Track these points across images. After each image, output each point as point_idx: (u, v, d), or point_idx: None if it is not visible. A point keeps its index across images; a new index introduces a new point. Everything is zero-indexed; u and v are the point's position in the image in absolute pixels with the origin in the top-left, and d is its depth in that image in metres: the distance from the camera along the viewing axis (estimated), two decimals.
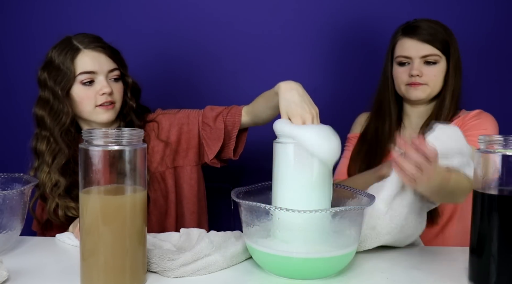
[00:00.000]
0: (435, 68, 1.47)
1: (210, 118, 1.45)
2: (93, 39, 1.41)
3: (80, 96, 1.38)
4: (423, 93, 1.48)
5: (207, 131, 1.46)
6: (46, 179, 1.37)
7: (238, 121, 1.43)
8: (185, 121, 1.48)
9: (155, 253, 1.04)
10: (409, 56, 1.47)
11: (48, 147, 1.38)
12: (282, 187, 1.06)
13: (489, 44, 1.88)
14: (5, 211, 1.14)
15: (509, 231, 0.92)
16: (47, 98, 1.38)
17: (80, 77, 1.37)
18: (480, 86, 1.87)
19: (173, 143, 1.48)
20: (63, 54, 1.37)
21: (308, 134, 1.03)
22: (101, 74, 1.38)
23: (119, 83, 1.43)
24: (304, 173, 1.04)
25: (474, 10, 1.86)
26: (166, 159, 1.48)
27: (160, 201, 1.48)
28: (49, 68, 1.38)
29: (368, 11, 1.89)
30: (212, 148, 1.45)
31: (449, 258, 1.15)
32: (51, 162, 1.37)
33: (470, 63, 1.69)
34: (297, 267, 1.00)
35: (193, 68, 1.93)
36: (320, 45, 1.91)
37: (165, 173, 1.48)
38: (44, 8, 1.95)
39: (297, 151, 1.03)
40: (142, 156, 0.98)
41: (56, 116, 1.37)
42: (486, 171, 0.96)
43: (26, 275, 1.03)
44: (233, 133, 1.44)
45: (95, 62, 1.38)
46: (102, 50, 1.40)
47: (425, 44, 1.46)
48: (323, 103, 1.89)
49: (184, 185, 1.50)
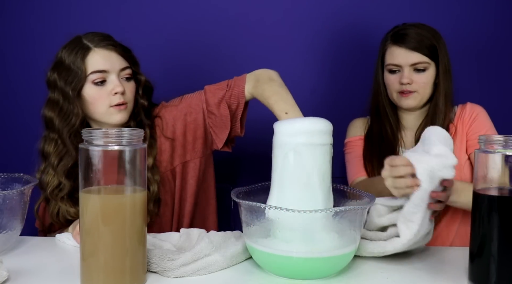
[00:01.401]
0: (424, 75, 1.49)
1: (213, 105, 1.40)
2: (104, 37, 1.37)
3: (92, 96, 1.34)
4: (414, 101, 1.51)
5: (213, 119, 1.41)
6: (51, 182, 1.35)
7: (242, 103, 1.38)
8: (188, 111, 1.43)
9: (155, 253, 1.04)
10: (399, 64, 1.50)
11: (55, 148, 1.35)
12: (280, 186, 1.06)
13: (487, 43, 1.88)
14: (5, 211, 1.14)
15: (509, 231, 0.92)
16: (57, 100, 1.34)
17: (92, 77, 1.33)
18: (480, 85, 1.87)
19: (180, 137, 1.43)
20: (74, 54, 1.33)
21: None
22: (113, 73, 1.34)
23: (131, 82, 1.39)
24: (303, 173, 1.04)
25: (469, 10, 1.87)
26: (174, 155, 1.44)
27: (170, 201, 1.45)
28: (59, 68, 1.34)
29: (365, 14, 1.89)
30: (220, 136, 1.42)
31: (449, 258, 1.15)
32: (57, 164, 1.34)
33: (468, 63, 1.69)
34: (297, 267, 1.00)
35: (191, 68, 1.93)
36: (318, 47, 1.91)
37: (175, 169, 1.44)
38: (45, 8, 1.94)
39: (297, 153, 1.03)
40: (142, 156, 0.98)
41: (66, 118, 1.34)
42: (486, 171, 0.96)
43: (26, 275, 1.03)
44: (238, 115, 1.40)
45: (107, 60, 1.34)
46: (113, 49, 1.36)
47: (414, 52, 1.48)
48: (321, 104, 1.91)
49: (191, 180, 1.47)
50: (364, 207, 1.03)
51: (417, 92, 1.50)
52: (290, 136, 1.04)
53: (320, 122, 1.05)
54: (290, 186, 1.05)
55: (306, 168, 1.03)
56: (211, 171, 1.54)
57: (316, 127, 1.04)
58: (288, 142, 1.04)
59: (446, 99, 1.51)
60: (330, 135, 1.06)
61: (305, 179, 1.04)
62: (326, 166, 1.05)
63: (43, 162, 1.38)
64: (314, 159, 1.03)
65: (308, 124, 1.05)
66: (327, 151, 1.06)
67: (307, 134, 1.03)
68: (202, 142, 1.45)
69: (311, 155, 1.03)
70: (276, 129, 1.08)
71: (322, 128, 1.05)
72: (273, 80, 1.33)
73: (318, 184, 1.04)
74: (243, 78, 1.40)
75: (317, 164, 1.04)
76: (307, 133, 1.03)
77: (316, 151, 1.04)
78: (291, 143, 1.04)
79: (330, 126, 1.07)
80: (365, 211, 1.04)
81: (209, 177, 1.53)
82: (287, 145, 1.04)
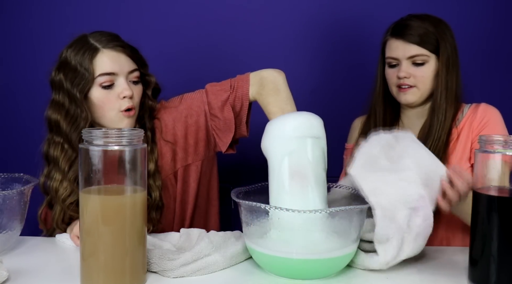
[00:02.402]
0: (423, 69, 1.43)
1: (217, 108, 1.35)
2: (112, 37, 1.31)
3: (100, 100, 1.28)
4: (414, 96, 1.44)
5: (216, 122, 1.37)
6: (59, 187, 1.28)
7: (246, 105, 1.34)
8: (189, 113, 1.38)
9: (155, 253, 1.04)
10: (396, 57, 1.44)
11: (64, 153, 1.29)
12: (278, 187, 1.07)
13: (493, 39, 1.87)
14: (5, 211, 1.14)
15: (509, 231, 0.92)
16: (62, 102, 1.28)
17: (100, 79, 1.27)
18: (483, 82, 1.85)
19: (181, 140, 1.39)
20: (80, 54, 1.27)
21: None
22: (121, 75, 1.28)
23: (138, 86, 1.33)
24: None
25: (476, 5, 1.86)
26: (176, 158, 1.40)
27: (171, 205, 1.42)
28: (65, 69, 1.28)
29: (366, 12, 1.89)
30: (224, 140, 1.38)
31: (449, 258, 1.15)
32: (67, 170, 1.28)
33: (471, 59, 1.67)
34: (297, 267, 1.00)
35: (192, 66, 1.93)
36: (318, 47, 1.91)
37: (177, 173, 1.41)
38: (45, 7, 1.94)
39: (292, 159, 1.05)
40: (142, 156, 0.98)
41: (73, 121, 1.28)
42: (486, 171, 0.96)
43: (26, 275, 1.03)
44: (242, 117, 1.36)
45: (115, 62, 1.28)
46: (122, 50, 1.29)
47: (412, 45, 1.42)
48: (321, 104, 1.91)
49: (193, 183, 1.43)
50: (364, 207, 1.03)
51: (416, 87, 1.43)
52: (282, 131, 1.07)
53: (309, 116, 1.08)
54: (283, 183, 1.05)
55: (300, 162, 1.04)
56: (215, 172, 1.50)
57: (305, 120, 1.07)
58: (281, 137, 1.06)
59: (448, 94, 1.42)
60: (318, 129, 1.08)
61: (302, 173, 1.04)
62: (319, 160, 1.07)
63: (47, 166, 1.32)
64: (306, 152, 1.05)
65: (297, 119, 1.07)
66: (319, 144, 1.07)
67: (297, 129, 1.06)
68: (205, 144, 1.41)
69: (302, 148, 1.05)
70: (267, 128, 1.10)
71: (312, 122, 1.07)
72: (279, 91, 1.30)
73: (313, 178, 1.05)
74: (246, 78, 1.36)
75: (310, 157, 1.05)
76: (297, 128, 1.06)
77: (308, 143, 1.05)
78: (284, 137, 1.06)
79: (319, 121, 1.09)
80: (364, 211, 1.04)
81: (212, 178, 1.50)
82: (280, 141, 1.06)
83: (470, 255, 0.99)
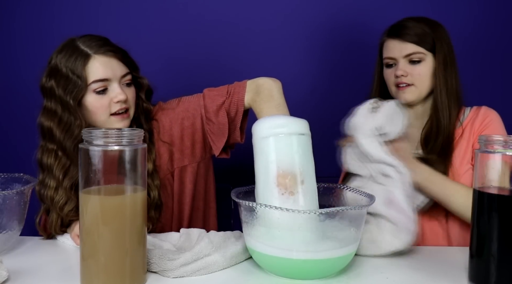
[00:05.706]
0: (420, 66, 1.44)
1: (212, 112, 1.36)
2: (102, 42, 1.29)
3: (94, 105, 1.27)
4: (412, 95, 1.45)
5: (211, 126, 1.38)
6: (54, 195, 1.27)
7: (240, 111, 1.35)
8: (186, 115, 1.39)
9: (155, 253, 1.04)
10: (393, 57, 1.46)
11: (58, 161, 1.27)
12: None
13: (490, 43, 1.88)
14: (5, 211, 1.14)
15: (509, 231, 0.92)
16: (55, 109, 1.26)
17: (93, 86, 1.25)
18: (481, 85, 1.86)
19: (177, 141, 1.40)
20: (72, 61, 1.24)
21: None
22: (115, 80, 1.27)
23: (131, 88, 1.33)
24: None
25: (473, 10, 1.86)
26: (173, 159, 1.41)
27: (170, 204, 1.43)
28: (56, 76, 1.26)
29: (365, 13, 1.89)
30: (217, 144, 1.38)
31: (449, 258, 1.15)
32: (61, 178, 1.27)
33: (469, 63, 1.68)
34: (297, 267, 1.00)
35: (191, 67, 1.93)
36: (317, 47, 1.91)
37: (174, 173, 1.42)
38: (46, 7, 1.94)
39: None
40: (142, 156, 0.98)
41: (67, 129, 1.26)
42: (486, 171, 0.96)
43: (26, 275, 1.03)
44: (237, 122, 1.37)
45: (108, 68, 1.26)
46: (113, 55, 1.28)
47: (408, 43, 1.43)
48: (320, 104, 1.91)
49: (190, 185, 1.44)
50: (364, 207, 1.03)
51: (414, 86, 1.44)
52: (267, 129, 1.08)
53: (294, 118, 1.11)
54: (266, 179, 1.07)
55: (287, 157, 1.06)
56: (211, 175, 1.52)
57: (289, 119, 1.10)
58: (264, 135, 1.08)
59: (448, 92, 1.43)
60: (300, 127, 1.09)
61: (289, 170, 1.05)
62: (306, 156, 1.08)
63: (41, 173, 1.30)
64: (292, 148, 1.06)
65: (278, 119, 1.10)
66: (304, 141, 1.09)
67: (280, 126, 1.08)
68: (201, 147, 1.42)
69: (287, 144, 1.06)
70: (252, 129, 1.12)
71: (296, 121, 1.09)
72: (273, 98, 1.30)
73: (301, 177, 1.06)
74: (243, 85, 1.36)
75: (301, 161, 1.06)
76: (280, 127, 1.08)
77: (293, 140, 1.07)
78: (267, 134, 1.07)
79: (305, 122, 1.11)
80: (364, 211, 1.04)
81: (209, 180, 1.51)
82: (262, 138, 1.08)
83: (470, 255, 0.99)
